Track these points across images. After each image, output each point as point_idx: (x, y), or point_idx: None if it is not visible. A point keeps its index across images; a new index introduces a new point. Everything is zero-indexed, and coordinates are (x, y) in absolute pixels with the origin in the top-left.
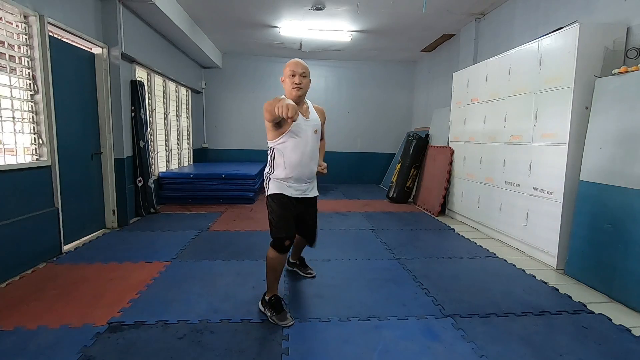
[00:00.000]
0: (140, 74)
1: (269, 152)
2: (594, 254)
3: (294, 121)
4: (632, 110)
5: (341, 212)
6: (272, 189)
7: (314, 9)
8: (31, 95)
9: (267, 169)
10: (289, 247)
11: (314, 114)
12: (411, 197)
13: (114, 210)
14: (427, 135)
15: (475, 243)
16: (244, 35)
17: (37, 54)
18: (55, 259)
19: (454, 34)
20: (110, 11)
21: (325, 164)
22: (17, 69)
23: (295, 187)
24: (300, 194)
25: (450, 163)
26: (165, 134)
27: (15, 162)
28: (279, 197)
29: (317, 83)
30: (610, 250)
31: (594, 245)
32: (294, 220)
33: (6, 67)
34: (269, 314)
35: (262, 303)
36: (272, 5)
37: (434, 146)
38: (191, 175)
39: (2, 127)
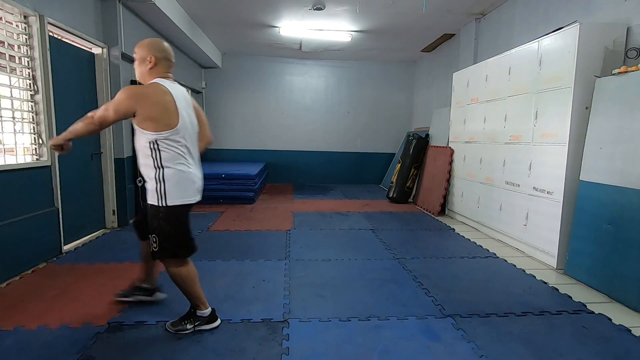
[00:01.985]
0: None
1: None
2: (593, 254)
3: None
4: (632, 110)
5: (341, 212)
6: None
7: (314, 9)
8: (31, 95)
9: None
10: None
11: None
12: (411, 197)
13: (114, 210)
14: (427, 135)
15: (475, 243)
16: (244, 35)
17: (37, 54)
18: (55, 259)
19: (454, 34)
20: (110, 11)
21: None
22: (17, 69)
23: None
24: None
25: (450, 163)
26: None
27: (15, 162)
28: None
29: (317, 83)
30: (610, 250)
31: (594, 245)
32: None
33: (6, 67)
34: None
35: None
36: (272, 5)
37: (434, 146)
38: None
39: (2, 127)
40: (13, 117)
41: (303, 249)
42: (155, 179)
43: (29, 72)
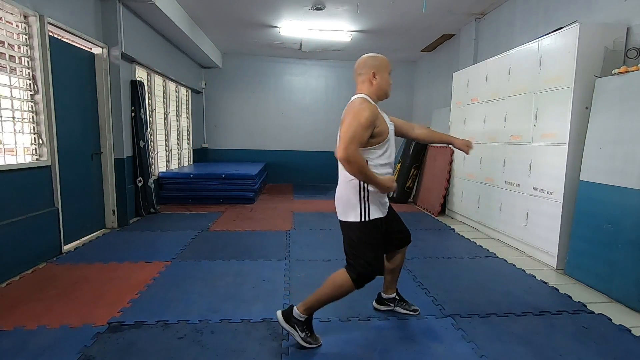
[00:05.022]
0: (140, 74)
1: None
2: (593, 254)
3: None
4: (632, 110)
5: None
6: (372, 212)
7: (314, 9)
8: (31, 95)
9: (357, 185)
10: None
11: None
12: (411, 197)
13: (114, 210)
14: None
15: (475, 243)
16: (244, 35)
17: (37, 54)
18: (55, 259)
19: (454, 34)
20: (110, 11)
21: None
22: (17, 69)
23: (385, 201)
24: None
25: (450, 163)
26: (165, 134)
27: (15, 162)
28: (377, 223)
29: (317, 83)
30: (610, 250)
31: (594, 245)
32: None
33: (6, 67)
34: (302, 334)
35: (288, 320)
36: (272, 5)
37: (434, 146)
38: (191, 175)
39: (2, 127)
40: (13, 117)
41: (303, 249)
42: None
43: (29, 72)
